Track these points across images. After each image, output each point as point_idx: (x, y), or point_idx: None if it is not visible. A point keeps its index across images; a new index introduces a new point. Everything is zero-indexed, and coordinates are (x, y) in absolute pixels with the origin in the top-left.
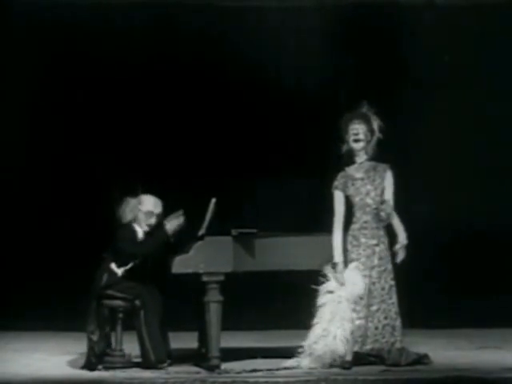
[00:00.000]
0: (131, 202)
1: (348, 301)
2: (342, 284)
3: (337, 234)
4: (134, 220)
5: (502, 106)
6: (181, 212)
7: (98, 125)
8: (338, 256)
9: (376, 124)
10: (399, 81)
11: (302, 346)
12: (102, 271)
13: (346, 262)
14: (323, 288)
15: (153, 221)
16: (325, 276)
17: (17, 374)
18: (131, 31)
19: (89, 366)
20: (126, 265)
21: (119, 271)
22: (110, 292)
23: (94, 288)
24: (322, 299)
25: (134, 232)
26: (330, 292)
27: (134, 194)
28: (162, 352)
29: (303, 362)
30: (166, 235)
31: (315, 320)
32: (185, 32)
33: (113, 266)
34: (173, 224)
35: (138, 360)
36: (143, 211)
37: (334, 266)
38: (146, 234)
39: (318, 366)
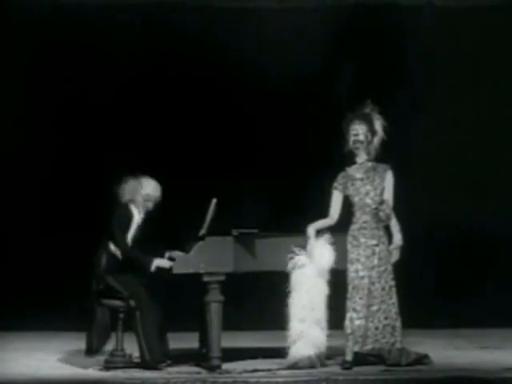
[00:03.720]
0: (131, 182)
1: (320, 273)
2: (310, 256)
3: (322, 220)
4: (132, 201)
5: (502, 106)
6: (171, 263)
7: (98, 124)
8: (310, 230)
9: (379, 124)
10: (399, 81)
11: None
12: (101, 252)
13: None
14: (293, 262)
15: (150, 205)
16: (294, 252)
17: (17, 373)
18: (132, 31)
19: (89, 353)
20: None
21: (118, 253)
22: (109, 280)
23: (95, 270)
24: (293, 275)
25: (129, 213)
26: (300, 267)
27: (135, 175)
28: (157, 352)
29: (297, 347)
30: (147, 268)
31: (292, 299)
32: (185, 32)
33: (111, 247)
34: (161, 264)
35: (139, 360)
36: (142, 194)
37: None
38: (143, 220)
39: (312, 350)
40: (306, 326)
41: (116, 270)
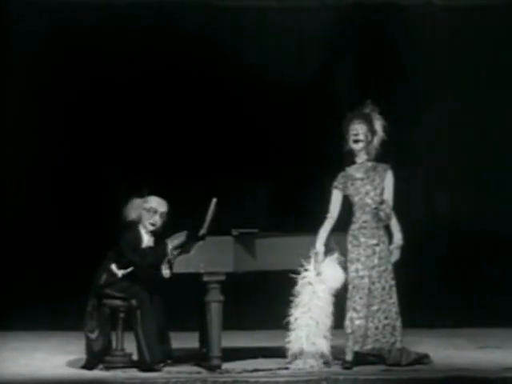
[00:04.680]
0: (136, 201)
1: (327, 294)
2: (318, 274)
3: (324, 227)
4: (139, 220)
5: (503, 106)
6: (184, 233)
7: (101, 125)
8: (319, 245)
9: (379, 124)
10: (399, 81)
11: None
12: (103, 270)
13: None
14: (301, 277)
15: (157, 219)
16: (303, 266)
17: (17, 373)
18: (131, 31)
19: (88, 365)
20: (127, 268)
21: (119, 273)
22: (107, 291)
23: (93, 286)
24: (300, 290)
25: (138, 236)
26: (310, 284)
27: (140, 195)
28: (157, 353)
29: (300, 362)
30: (165, 253)
31: (294, 313)
32: (184, 32)
33: (113, 266)
34: (174, 242)
35: (137, 360)
36: (146, 208)
37: (315, 255)
38: (151, 233)
39: (312, 365)
40: (311, 343)
41: (114, 283)
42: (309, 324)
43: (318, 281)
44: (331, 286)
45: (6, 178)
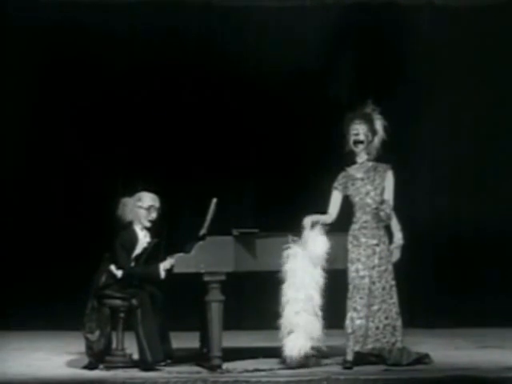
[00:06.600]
0: (129, 201)
1: (314, 262)
2: (304, 243)
3: (320, 215)
4: (136, 219)
5: (503, 106)
6: (176, 256)
7: (100, 125)
8: (307, 220)
9: (380, 124)
10: (399, 81)
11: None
12: (102, 272)
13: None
14: (287, 252)
15: (154, 215)
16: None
17: (17, 373)
18: (130, 31)
19: (89, 365)
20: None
21: (118, 273)
22: (107, 292)
23: (93, 288)
24: (286, 266)
25: (133, 234)
26: (294, 257)
27: (131, 193)
28: (158, 352)
29: (292, 339)
30: (157, 275)
31: (286, 291)
32: (184, 32)
33: (112, 267)
34: (166, 265)
35: (138, 360)
36: (144, 207)
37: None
38: (147, 229)
39: (308, 343)
40: (301, 319)
41: (114, 285)
42: (297, 298)
43: (302, 254)
44: (314, 254)
45: (5, 179)
